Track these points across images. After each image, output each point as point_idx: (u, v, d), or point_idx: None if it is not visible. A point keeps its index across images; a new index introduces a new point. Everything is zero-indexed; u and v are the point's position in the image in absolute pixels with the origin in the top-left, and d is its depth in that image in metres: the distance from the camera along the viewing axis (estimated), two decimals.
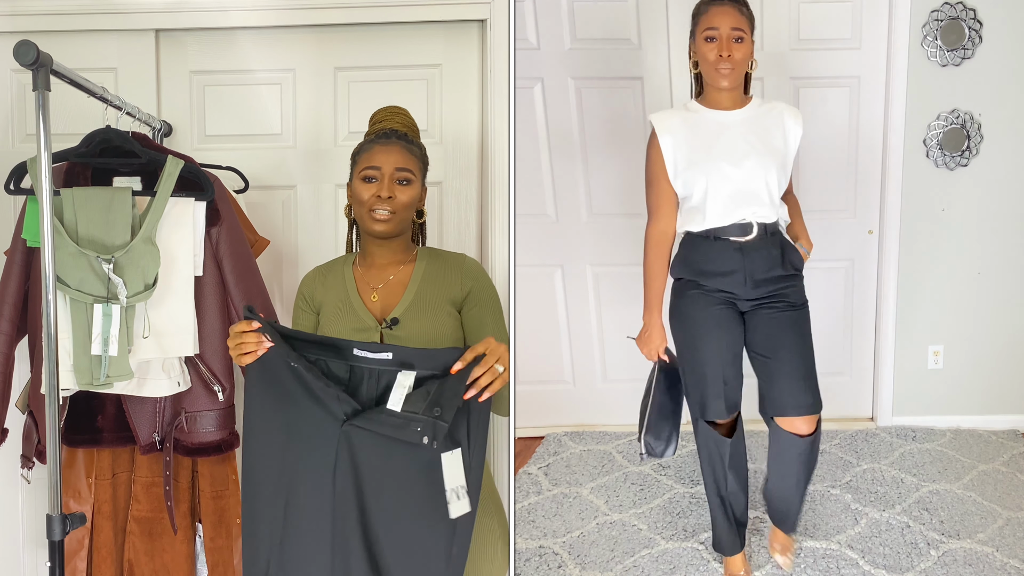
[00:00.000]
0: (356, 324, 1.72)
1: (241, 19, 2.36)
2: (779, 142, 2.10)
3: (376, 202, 1.70)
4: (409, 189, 1.73)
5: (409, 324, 1.70)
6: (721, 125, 2.09)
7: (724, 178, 2.05)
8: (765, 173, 2.06)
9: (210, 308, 1.99)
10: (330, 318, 1.75)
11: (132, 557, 2.09)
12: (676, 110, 2.17)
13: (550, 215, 3.28)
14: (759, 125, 2.10)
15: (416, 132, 1.84)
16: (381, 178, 1.71)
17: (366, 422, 1.50)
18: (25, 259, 1.98)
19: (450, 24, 2.41)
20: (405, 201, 1.72)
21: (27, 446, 2.08)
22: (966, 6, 3.10)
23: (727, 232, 2.08)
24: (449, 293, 1.75)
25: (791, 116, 2.13)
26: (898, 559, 2.43)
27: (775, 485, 2.27)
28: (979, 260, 3.28)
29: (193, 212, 1.95)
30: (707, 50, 2.04)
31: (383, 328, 1.71)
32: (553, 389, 3.45)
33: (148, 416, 2.00)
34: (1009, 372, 3.34)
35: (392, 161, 1.72)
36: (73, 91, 1.83)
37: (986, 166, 3.21)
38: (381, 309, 1.74)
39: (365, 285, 1.78)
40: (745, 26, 2.03)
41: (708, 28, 2.03)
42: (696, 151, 2.07)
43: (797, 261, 2.14)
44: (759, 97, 2.18)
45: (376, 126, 1.82)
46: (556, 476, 3.04)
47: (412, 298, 1.74)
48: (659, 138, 2.07)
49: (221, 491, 2.07)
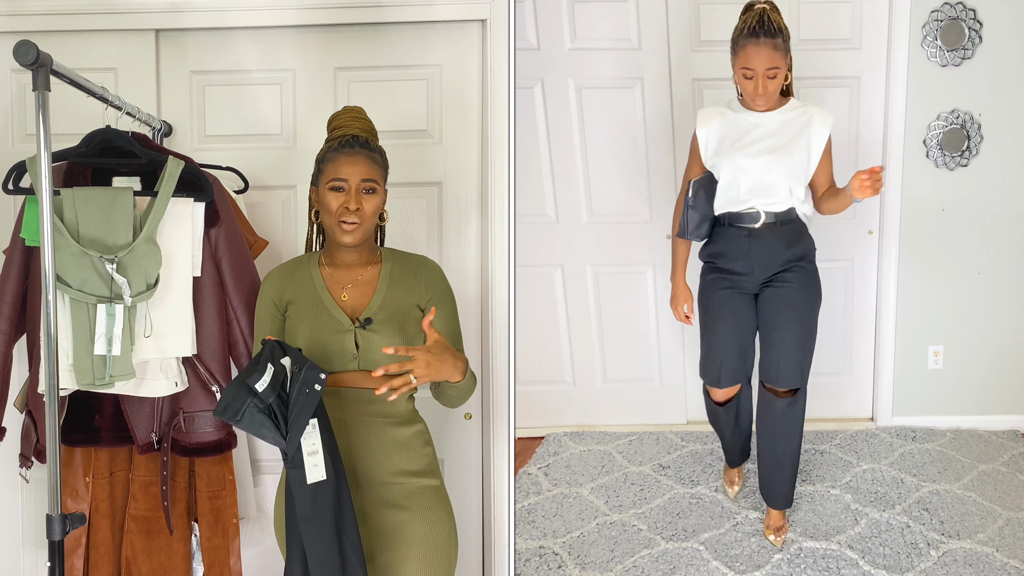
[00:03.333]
0: (332, 325, 1.75)
1: (241, 19, 2.36)
2: (801, 143, 2.31)
3: (344, 213, 1.74)
4: (374, 198, 1.77)
5: (381, 323, 1.76)
6: (752, 124, 2.36)
7: (741, 170, 2.32)
8: (780, 171, 2.30)
9: (208, 309, 1.99)
10: (302, 317, 1.77)
11: (129, 555, 2.09)
12: (718, 108, 2.43)
13: (550, 215, 3.28)
14: (787, 127, 2.33)
15: (376, 136, 1.86)
16: (348, 189, 1.75)
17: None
18: (24, 259, 1.98)
19: (450, 24, 2.40)
20: (371, 210, 1.77)
21: (25, 445, 2.08)
22: (966, 6, 3.10)
23: (740, 219, 2.38)
24: (415, 296, 1.82)
25: (820, 119, 2.32)
26: (898, 559, 2.43)
27: (762, 445, 2.50)
28: (979, 260, 3.28)
29: (192, 212, 1.95)
30: (745, 83, 2.28)
31: (357, 327, 1.75)
32: (553, 389, 3.45)
33: (146, 416, 2.00)
34: (1009, 372, 3.34)
35: (358, 172, 1.75)
36: (73, 91, 1.83)
37: (986, 166, 3.21)
38: (352, 308, 1.79)
39: (335, 284, 1.81)
40: (780, 61, 2.22)
41: (744, 67, 2.25)
42: (723, 144, 2.36)
43: (808, 251, 2.41)
44: (798, 99, 2.40)
45: (336, 132, 1.82)
46: (556, 476, 3.04)
47: (382, 299, 1.79)
48: (697, 130, 2.40)
49: (218, 491, 2.07)
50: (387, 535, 1.73)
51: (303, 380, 1.55)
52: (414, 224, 2.46)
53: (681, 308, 2.50)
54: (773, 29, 2.20)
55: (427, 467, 1.80)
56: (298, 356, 1.60)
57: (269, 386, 1.52)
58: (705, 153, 2.39)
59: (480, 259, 2.46)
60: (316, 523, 1.58)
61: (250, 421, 1.52)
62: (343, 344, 1.74)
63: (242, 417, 1.51)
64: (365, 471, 1.74)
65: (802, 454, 3.12)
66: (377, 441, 1.74)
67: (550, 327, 3.39)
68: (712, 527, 2.64)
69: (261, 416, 1.52)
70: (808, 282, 2.39)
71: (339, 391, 1.74)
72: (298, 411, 1.54)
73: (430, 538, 1.74)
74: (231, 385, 1.53)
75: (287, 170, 2.44)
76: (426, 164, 2.45)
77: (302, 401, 1.54)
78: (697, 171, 2.43)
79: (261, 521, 2.38)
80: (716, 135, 2.37)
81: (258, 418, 1.52)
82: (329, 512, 1.59)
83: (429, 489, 1.78)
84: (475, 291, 2.46)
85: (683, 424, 3.45)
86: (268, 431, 1.53)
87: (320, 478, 1.57)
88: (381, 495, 1.74)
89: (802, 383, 2.40)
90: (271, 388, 1.53)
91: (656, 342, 3.39)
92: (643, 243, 3.26)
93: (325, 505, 1.58)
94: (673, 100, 3.12)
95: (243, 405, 1.51)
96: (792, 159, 2.30)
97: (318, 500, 1.58)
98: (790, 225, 2.37)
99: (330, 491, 1.59)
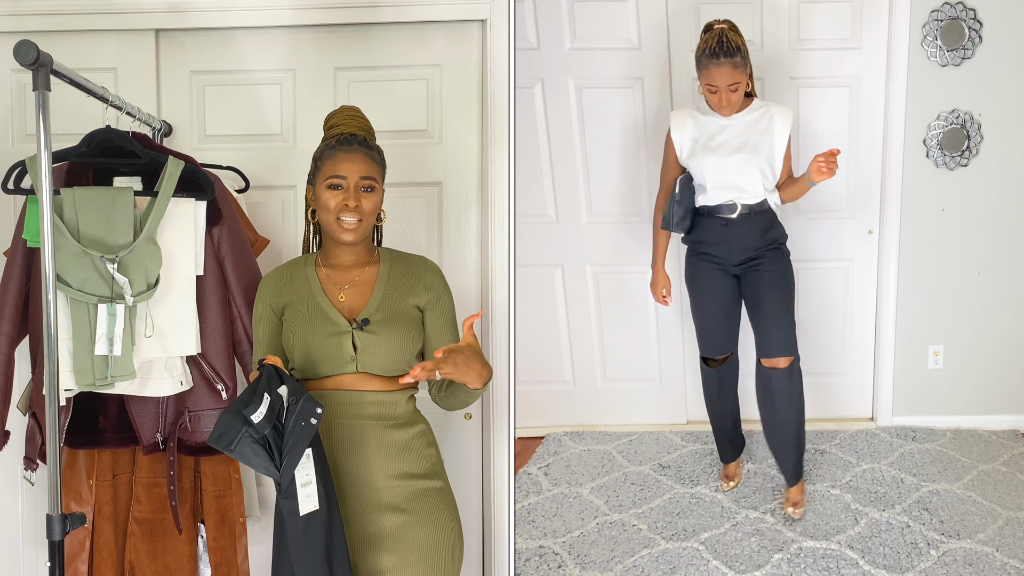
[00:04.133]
0: (329, 328, 1.73)
1: (241, 19, 2.36)
2: (766, 143, 2.54)
3: (343, 211, 1.72)
4: (373, 196, 1.76)
5: (379, 325, 1.73)
6: (721, 127, 2.58)
7: (716, 168, 2.56)
8: (750, 167, 2.54)
9: (212, 307, 1.99)
10: (299, 320, 1.75)
11: (133, 559, 2.08)
12: (689, 110, 2.64)
13: (550, 215, 3.28)
14: (753, 127, 2.56)
15: (373, 135, 1.85)
16: (347, 187, 1.73)
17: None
18: (25, 260, 1.98)
19: (450, 24, 2.41)
20: (370, 209, 1.75)
21: (30, 448, 2.08)
22: (966, 6, 3.10)
23: (718, 211, 2.62)
24: (413, 297, 1.80)
25: (780, 117, 2.54)
26: (898, 559, 2.43)
27: (767, 424, 2.68)
28: (979, 260, 3.28)
29: (194, 212, 1.95)
30: (709, 96, 2.50)
31: (354, 329, 1.73)
32: (553, 389, 3.45)
33: (151, 416, 2.00)
34: (1009, 372, 3.34)
35: (357, 170, 1.74)
36: (73, 91, 1.83)
37: (986, 166, 3.21)
38: (349, 310, 1.77)
39: (331, 285, 1.79)
40: (741, 77, 2.44)
41: (708, 84, 2.47)
42: (698, 145, 2.59)
43: (779, 236, 2.66)
44: (759, 99, 2.60)
45: (334, 130, 1.80)
46: (556, 476, 3.04)
47: (380, 300, 1.77)
48: (671, 132, 2.62)
49: (224, 491, 2.07)
50: (387, 539, 1.71)
51: (299, 412, 1.54)
52: (414, 224, 2.46)
53: (660, 291, 2.80)
54: (732, 48, 2.39)
55: (429, 469, 1.78)
56: (295, 387, 1.58)
57: (265, 417, 1.51)
58: (680, 155, 2.62)
59: (480, 259, 2.46)
60: (307, 552, 1.57)
61: (243, 451, 1.51)
62: (341, 346, 1.72)
63: (236, 447, 1.50)
64: (364, 475, 1.71)
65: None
66: (376, 444, 1.72)
67: (550, 327, 3.39)
68: (712, 527, 2.64)
69: (255, 446, 1.51)
70: (782, 263, 2.64)
71: (337, 394, 1.72)
72: (293, 443, 1.53)
73: (432, 541, 1.72)
74: (226, 413, 1.52)
75: (287, 170, 2.44)
76: (426, 164, 2.45)
77: (297, 433, 1.53)
78: (673, 170, 2.67)
79: (265, 520, 2.38)
80: (689, 137, 2.60)
81: (252, 448, 1.51)
82: (321, 541, 1.58)
83: (432, 491, 1.76)
84: (475, 291, 2.46)
85: (683, 424, 3.46)
86: (261, 461, 1.52)
87: (313, 508, 1.57)
88: (381, 499, 1.72)
89: (793, 352, 2.62)
90: (267, 420, 1.51)
91: (656, 342, 3.39)
92: (643, 243, 3.26)
93: (317, 534, 1.58)
94: (673, 100, 3.13)
95: (237, 435, 1.49)
96: (760, 155, 2.53)
97: (310, 529, 1.57)
98: (762, 215, 2.61)
99: (322, 520, 1.58)
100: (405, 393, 1.78)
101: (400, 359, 1.75)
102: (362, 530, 1.71)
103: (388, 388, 1.75)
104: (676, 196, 2.62)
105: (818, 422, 3.38)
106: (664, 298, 2.80)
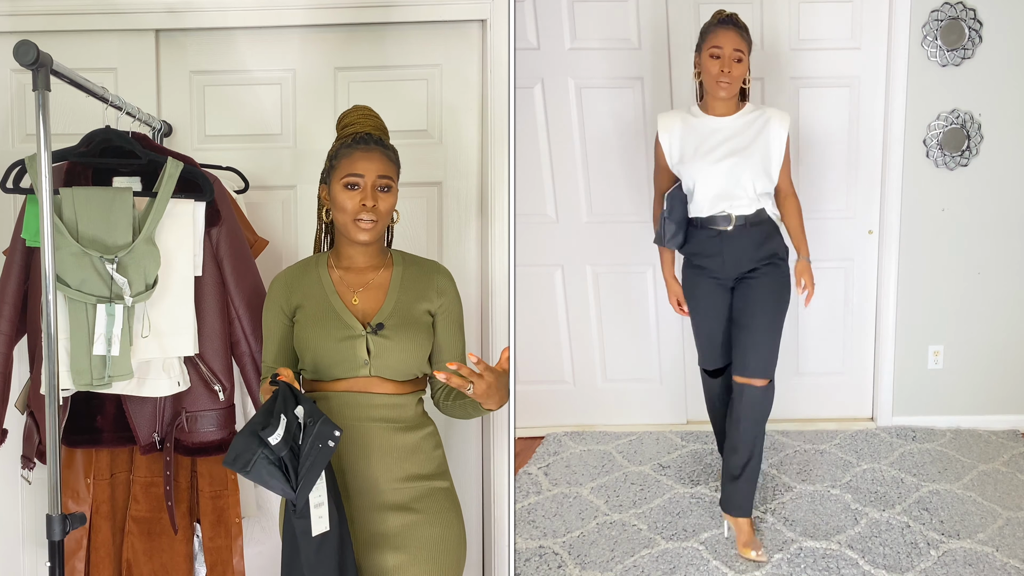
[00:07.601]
0: (343, 331, 1.72)
1: (241, 19, 2.36)
2: (761, 146, 2.42)
3: (361, 210, 1.71)
4: (390, 196, 1.75)
5: (393, 330, 1.73)
6: (713, 130, 2.45)
7: (708, 175, 2.42)
8: (743, 173, 2.40)
9: (210, 308, 1.99)
10: (312, 323, 1.74)
11: (131, 557, 2.08)
12: (679, 112, 2.52)
13: (550, 215, 3.28)
14: (746, 131, 2.44)
15: (387, 135, 1.84)
16: (364, 186, 1.72)
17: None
18: (24, 259, 1.98)
19: (450, 24, 2.41)
20: (386, 209, 1.74)
21: (28, 447, 2.08)
22: (966, 6, 3.10)
23: (711, 222, 2.47)
24: (426, 302, 1.79)
25: (777, 121, 2.43)
26: (898, 559, 2.43)
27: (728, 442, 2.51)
28: (979, 260, 3.28)
29: (193, 212, 1.95)
30: (711, 65, 2.37)
31: (368, 333, 1.72)
32: (553, 389, 3.45)
33: (148, 416, 2.00)
34: (1009, 372, 3.34)
35: (374, 169, 1.72)
36: (73, 91, 1.83)
37: (986, 166, 3.21)
38: (363, 313, 1.76)
39: (345, 288, 1.78)
40: (744, 48, 2.37)
41: (713, 46, 2.36)
42: (688, 150, 2.45)
43: (778, 249, 2.50)
44: (754, 103, 2.49)
45: (348, 129, 1.79)
46: (556, 476, 3.04)
47: (394, 304, 1.76)
48: (659, 135, 2.49)
49: (220, 491, 2.07)
50: (394, 538, 1.71)
51: (316, 435, 1.53)
52: (414, 224, 2.46)
53: (674, 301, 2.66)
54: (741, 23, 2.37)
55: (437, 469, 1.78)
56: (312, 408, 1.57)
57: (282, 440, 1.50)
58: (670, 159, 2.49)
59: (480, 259, 2.46)
60: (320, 570, 1.58)
61: (260, 472, 1.50)
62: (354, 350, 1.71)
63: (252, 468, 1.49)
64: (372, 476, 1.72)
65: (802, 454, 3.13)
66: (387, 446, 1.72)
67: (550, 327, 3.39)
68: (712, 527, 2.64)
69: (271, 468, 1.50)
70: (777, 280, 2.48)
71: (348, 396, 1.72)
72: (310, 465, 1.52)
73: (440, 540, 1.73)
74: (241, 434, 1.51)
75: (287, 170, 2.44)
76: (426, 164, 2.45)
77: (314, 455, 1.52)
78: (665, 177, 2.54)
79: (262, 520, 2.38)
80: (679, 141, 2.47)
81: (268, 469, 1.50)
82: (333, 560, 1.59)
83: (439, 491, 1.77)
84: (475, 291, 2.46)
85: (683, 424, 3.45)
86: (278, 483, 1.51)
87: (324, 529, 1.57)
88: (389, 499, 1.72)
89: (770, 376, 2.48)
90: (284, 442, 1.50)
91: (656, 342, 3.39)
92: (643, 243, 3.26)
93: (329, 553, 1.58)
94: (673, 100, 3.12)
95: (253, 456, 1.49)
96: (754, 160, 2.41)
97: (323, 548, 1.57)
98: (760, 227, 2.46)
99: (334, 539, 1.58)
100: (415, 396, 1.78)
101: (412, 364, 1.75)
102: (369, 529, 1.71)
103: (399, 391, 1.75)
104: (666, 212, 2.48)
105: (818, 422, 3.38)
106: (680, 307, 2.65)
